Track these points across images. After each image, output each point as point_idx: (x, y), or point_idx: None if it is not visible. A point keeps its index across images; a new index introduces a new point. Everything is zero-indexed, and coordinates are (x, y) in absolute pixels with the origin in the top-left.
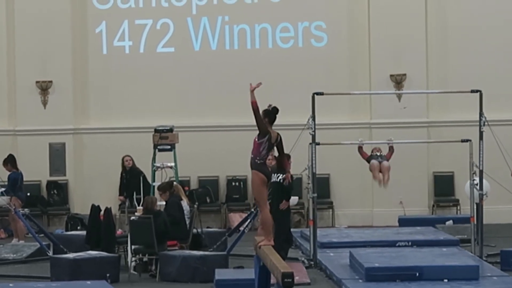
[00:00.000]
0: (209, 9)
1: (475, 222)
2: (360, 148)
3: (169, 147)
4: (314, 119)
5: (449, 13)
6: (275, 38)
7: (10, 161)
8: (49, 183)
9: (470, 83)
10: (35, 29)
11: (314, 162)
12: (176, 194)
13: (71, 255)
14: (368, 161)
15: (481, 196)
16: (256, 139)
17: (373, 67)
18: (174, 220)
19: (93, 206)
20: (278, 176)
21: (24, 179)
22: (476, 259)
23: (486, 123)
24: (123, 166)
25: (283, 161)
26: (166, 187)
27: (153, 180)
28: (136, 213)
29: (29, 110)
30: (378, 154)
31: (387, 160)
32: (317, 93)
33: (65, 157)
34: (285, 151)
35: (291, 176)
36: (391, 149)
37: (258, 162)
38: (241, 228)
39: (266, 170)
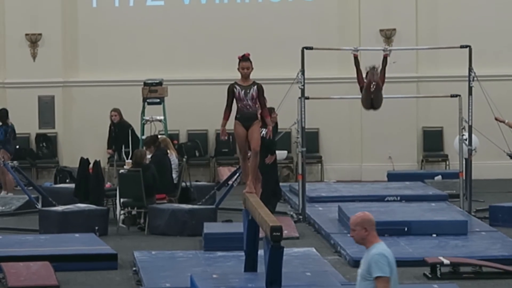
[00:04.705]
0: None
1: (464, 177)
2: (356, 59)
3: (158, 100)
4: (303, 74)
5: None
6: None
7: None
8: (38, 136)
9: (460, 38)
10: None
11: (303, 116)
12: (162, 148)
13: (59, 208)
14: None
15: (470, 151)
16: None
17: (363, 22)
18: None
19: (82, 159)
20: (261, 131)
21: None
22: (465, 214)
23: (475, 78)
24: (111, 120)
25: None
26: (150, 142)
27: (142, 134)
28: (125, 166)
29: (19, 62)
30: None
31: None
32: (307, 48)
33: (54, 110)
34: (275, 106)
35: (276, 126)
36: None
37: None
38: (230, 182)
39: None
